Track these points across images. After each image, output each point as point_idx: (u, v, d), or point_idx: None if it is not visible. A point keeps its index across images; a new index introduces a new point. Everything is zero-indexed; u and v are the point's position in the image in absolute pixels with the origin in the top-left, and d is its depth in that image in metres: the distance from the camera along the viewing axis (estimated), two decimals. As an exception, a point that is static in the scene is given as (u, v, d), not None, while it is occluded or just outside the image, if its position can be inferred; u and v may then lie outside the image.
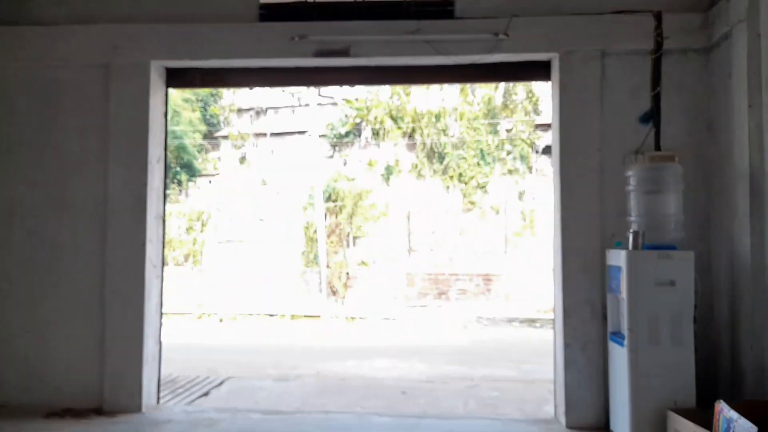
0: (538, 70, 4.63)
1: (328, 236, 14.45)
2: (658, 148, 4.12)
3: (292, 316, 14.11)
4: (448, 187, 25.11)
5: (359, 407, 5.78)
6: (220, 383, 6.35)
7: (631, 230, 3.78)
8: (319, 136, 29.03)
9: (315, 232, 15.11)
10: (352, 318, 13.50)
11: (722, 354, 3.83)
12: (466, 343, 11.62)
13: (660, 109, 4.17)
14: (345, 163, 27.28)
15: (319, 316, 13.67)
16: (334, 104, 31.41)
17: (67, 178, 4.65)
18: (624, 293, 3.67)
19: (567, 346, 4.17)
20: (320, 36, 4.43)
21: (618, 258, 3.78)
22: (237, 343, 12.30)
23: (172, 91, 5.10)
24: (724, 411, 3.04)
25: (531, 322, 12.90)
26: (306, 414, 4.93)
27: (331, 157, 28.38)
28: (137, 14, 4.61)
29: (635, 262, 3.64)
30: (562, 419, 4.18)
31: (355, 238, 22.49)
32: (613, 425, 3.89)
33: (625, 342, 3.64)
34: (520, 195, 23.93)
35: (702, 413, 3.33)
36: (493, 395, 6.47)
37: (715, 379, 3.78)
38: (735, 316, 3.74)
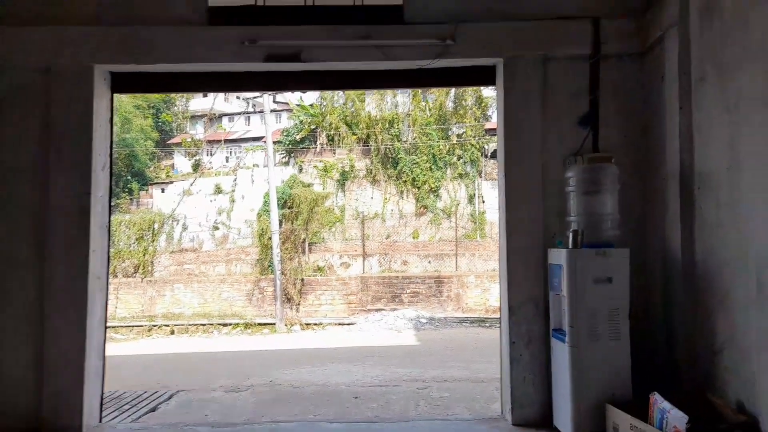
0: (484, 75, 4.71)
1: (283, 243, 14.28)
2: (596, 150, 4.28)
3: (246, 325, 13.88)
4: (402, 192, 25.36)
5: (312, 415, 5.72)
6: (169, 397, 6.15)
7: (571, 229, 3.90)
8: (275, 142, 28.80)
9: (270, 239, 14.91)
10: (307, 325, 13.40)
11: (658, 347, 3.98)
12: (419, 345, 11.72)
13: (598, 112, 4.34)
14: (300, 170, 27.13)
15: (273, 324, 13.52)
16: (290, 110, 31.19)
17: (5, 186, 4.40)
18: (565, 291, 3.77)
19: (512, 343, 4.25)
20: (271, 40, 4.38)
21: (559, 257, 3.88)
22: (189, 355, 12.00)
23: (121, 96, 4.92)
24: (658, 402, 3.17)
25: (481, 322, 13.13)
26: (256, 425, 4.83)
27: (287, 163, 28.18)
28: (80, 17, 4.42)
29: (574, 260, 3.75)
30: (508, 416, 4.25)
31: (311, 244, 22.37)
32: (556, 420, 3.98)
33: (566, 338, 3.74)
34: (471, 198, 24.38)
35: (638, 405, 3.47)
36: (443, 396, 6.53)
37: (652, 371, 3.92)
38: (669, 311, 3.90)
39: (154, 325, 15.15)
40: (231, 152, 35.76)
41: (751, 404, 3.10)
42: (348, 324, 13.34)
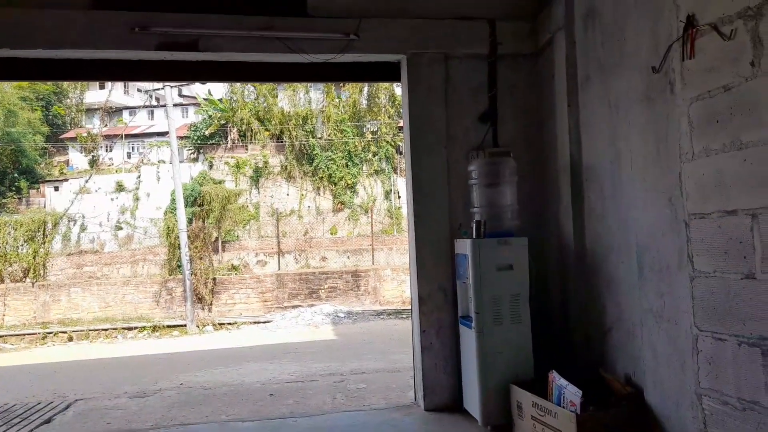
0: (389, 71, 4.79)
1: (192, 241, 13.73)
2: (496, 144, 4.50)
3: (154, 328, 13.24)
4: (318, 188, 25.22)
5: (224, 415, 5.58)
6: (66, 407, 5.76)
7: (474, 220, 4.08)
8: (182, 138, 27.59)
9: (177, 237, 14.30)
10: (221, 325, 13.02)
11: (556, 329, 4.28)
12: (337, 339, 11.75)
13: (497, 109, 4.57)
14: (211, 166, 26.16)
15: (184, 326, 13.00)
16: (197, 105, 29.92)
17: None
18: (470, 279, 3.95)
19: (423, 332, 4.39)
20: (164, 28, 4.18)
21: (464, 246, 4.06)
22: (89, 362, 11.26)
23: (4, 87, 4.49)
24: (556, 380, 3.40)
25: (398, 313, 13.38)
26: (164, 429, 4.65)
27: (196, 159, 27.04)
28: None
29: (478, 249, 3.93)
30: (421, 403, 4.40)
31: (224, 242, 21.68)
32: (465, 403, 4.17)
33: (473, 324, 3.92)
34: (387, 194, 24.74)
35: (540, 383, 3.71)
36: (360, 387, 6.61)
37: (551, 351, 4.20)
38: (565, 295, 4.20)
39: (49, 332, 14.07)
40: (133, 148, 33.77)
41: (636, 377, 3.42)
42: (264, 322, 13.10)
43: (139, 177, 25.52)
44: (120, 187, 25.25)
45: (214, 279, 13.86)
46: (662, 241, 3.06)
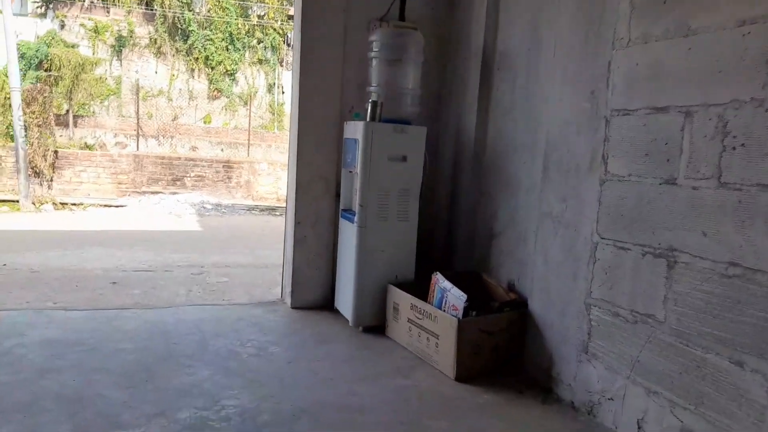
0: None
1: (28, 104, 11.60)
2: (402, 18, 3.86)
3: (-23, 202, 11.27)
4: (192, 70, 22.78)
5: (51, 302, 4.76)
6: None
7: (370, 100, 3.51)
8: (25, -15, 23.18)
9: (8, 98, 11.97)
10: (63, 204, 11.42)
11: (440, 229, 3.99)
12: (202, 231, 10.89)
13: (407, -23, 3.89)
14: (63, 26, 22.41)
15: (16, 202, 11.21)
16: (44, -55, 25.03)
17: None
18: (358, 167, 3.44)
19: (297, 223, 3.87)
20: None
21: (355, 130, 3.50)
22: None
23: None
24: (439, 282, 3.10)
25: (272, 210, 12.70)
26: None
27: (44, 15, 23.02)
28: None
29: (371, 134, 3.40)
30: (288, 300, 3.97)
31: (77, 116, 19.04)
32: (337, 302, 3.81)
33: (355, 218, 3.47)
34: (270, 87, 23.10)
35: (419, 285, 3.42)
36: (221, 281, 6.05)
37: (434, 254, 3.93)
38: (455, 194, 3.87)
39: None
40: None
41: (521, 284, 3.23)
42: (117, 206, 11.70)
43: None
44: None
45: (56, 152, 11.94)
46: (576, 139, 2.75)
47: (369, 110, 3.47)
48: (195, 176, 13.15)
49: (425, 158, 3.59)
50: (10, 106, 11.30)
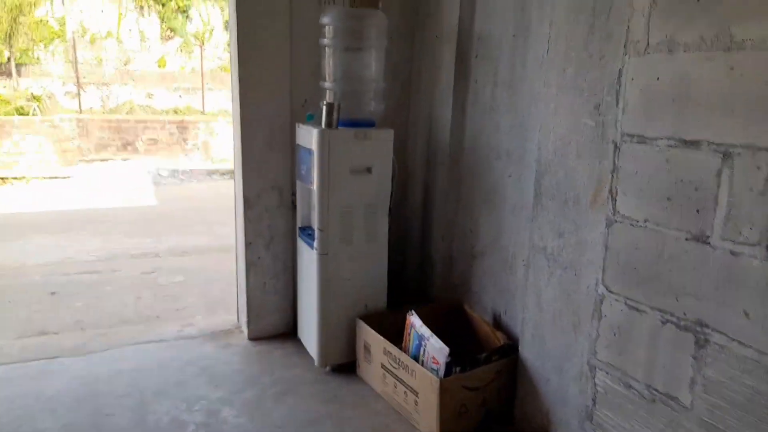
0: None
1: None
2: (360, -9, 3.20)
3: None
4: (142, 8, 21.01)
5: (-24, 332, 4.19)
6: None
7: (325, 102, 2.90)
8: None
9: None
10: (3, 179, 10.49)
11: (413, 246, 3.50)
12: (157, 205, 10.16)
13: (365, -64, 3.19)
14: (-9, -39, 20.22)
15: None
16: None
17: None
18: (314, 184, 2.88)
19: (249, 244, 3.33)
20: None
21: (308, 137, 2.91)
22: None
23: None
24: (416, 325, 2.65)
25: (231, 173, 11.98)
26: None
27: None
28: None
29: (327, 144, 2.82)
30: (245, 329, 3.48)
31: (19, 65, 17.50)
32: (300, 333, 3.35)
33: (315, 243, 2.95)
34: (226, 25, 21.50)
35: (393, 317, 2.98)
36: (175, 281, 5.53)
37: (405, 273, 3.47)
38: (428, 203, 3.37)
39: None
40: None
41: (508, 317, 2.81)
42: (63, 178, 10.79)
43: None
44: None
45: (-9, 116, 10.83)
46: (575, 164, 2.25)
47: (324, 114, 2.86)
48: (148, 140, 12.20)
49: (394, 166, 3.05)
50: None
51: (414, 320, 2.66)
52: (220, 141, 12.50)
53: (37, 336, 3.98)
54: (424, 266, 3.42)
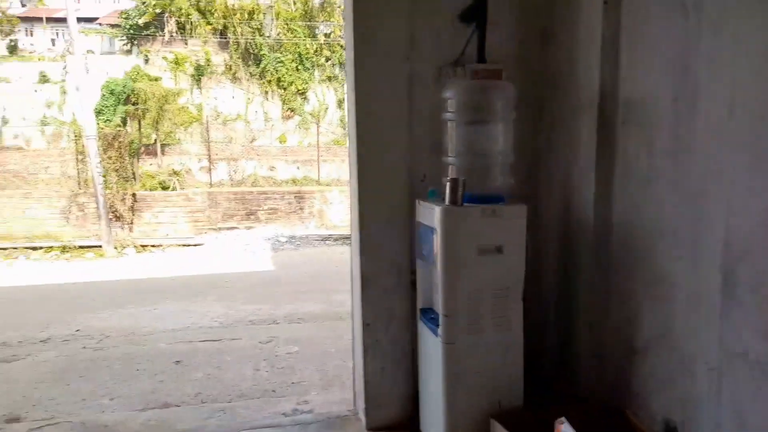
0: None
1: (105, 150, 11.77)
2: (481, 59, 3.00)
3: (63, 248, 11.52)
4: (266, 93, 23.01)
5: (107, 399, 4.37)
6: None
7: (449, 177, 2.69)
8: (112, 26, 24.59)
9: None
10: (143, 247, 11.47)
11: (549, 336, 3.09)
12: (275, 270, 10.51)
13: (486, 3, 3.04)
14: (147, 60, 23.36)
15: (100, 247, 11.36)
16: (126, -12, 26.33)
17: None
18: (438, 264, 2.63)
19: (366, 325, 3.12)
20: None
21: (431, 216, 2.70)
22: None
23: None
24: (564, 438, 2.22)
25: (345, 239, 12.19)
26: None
27: (129, 52, 24.09)
28: None
29: (454, 222, 2.58)
30: (362, 417, 3.22)
31: (163, 145, 19.67)
32: (423, 425, 3.01)
33: (439, 330, 2.66)
34: (340, 103, 22.86)
35: (530, 416, 2.56)
36: (290, 352, 5.51)
37: (544, 368, 3.04)
38: (567, 288, 2.97)
39: None
40: (57, 34, 30.04)
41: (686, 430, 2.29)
42: (195, 245, 11.61)
43: (65, 67, 22.42)
44: (44, 78, 22.15)
45: (134, 195, 12.05)
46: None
47: (448, 190, 2.64)
48: (268, 209, 12.89)
49: (527, 246, 2.72)
50: (88, 154, 11.49)
51: (565, 428, 2.24)
52: (334, 209, 12.87)
53: (160, 408, 4.03)
54: (564, 358, 2.98)
